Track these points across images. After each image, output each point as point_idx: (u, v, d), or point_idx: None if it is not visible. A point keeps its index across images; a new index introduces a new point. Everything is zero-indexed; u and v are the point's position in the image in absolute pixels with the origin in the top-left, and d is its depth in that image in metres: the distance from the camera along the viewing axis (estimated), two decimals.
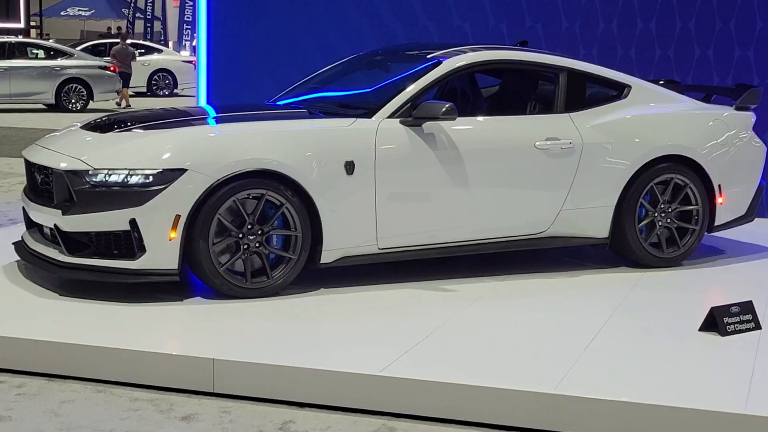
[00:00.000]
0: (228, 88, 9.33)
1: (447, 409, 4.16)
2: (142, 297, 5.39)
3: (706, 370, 4.51)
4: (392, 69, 6.70)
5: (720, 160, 6.58)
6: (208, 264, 5.33)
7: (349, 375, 4.28)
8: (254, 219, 5.42)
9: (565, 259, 6.71)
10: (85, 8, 40.08)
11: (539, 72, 6.67)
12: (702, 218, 6.51)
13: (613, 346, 4.80)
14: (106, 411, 4.18)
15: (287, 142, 5.52)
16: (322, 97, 6.60)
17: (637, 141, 6.33)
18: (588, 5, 8.70)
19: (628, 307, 5.54)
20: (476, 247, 6.08)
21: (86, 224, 5.29)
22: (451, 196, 5.90)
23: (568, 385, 4.18)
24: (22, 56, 20.34)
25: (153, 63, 26.30)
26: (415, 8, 9.05)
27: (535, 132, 6.14)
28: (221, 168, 5.29)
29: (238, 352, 4.51)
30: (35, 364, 4.59)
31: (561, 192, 6.19)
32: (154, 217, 5.22)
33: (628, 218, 6.30)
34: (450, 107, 5.69)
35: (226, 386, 4.37)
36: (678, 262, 6.50)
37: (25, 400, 4.28)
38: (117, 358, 4.51)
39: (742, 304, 5.08)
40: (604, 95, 6.57)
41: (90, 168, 5.30)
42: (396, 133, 5.76)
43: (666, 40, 8.52)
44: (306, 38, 9.21)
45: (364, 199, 5.65)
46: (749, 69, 8.35)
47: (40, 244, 5.65)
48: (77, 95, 20.29)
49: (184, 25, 36.10)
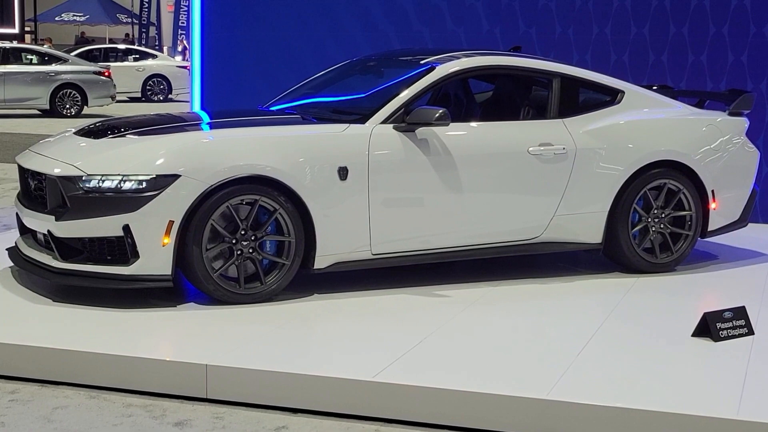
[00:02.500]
0: (222, 94, 9.33)
1: (440, 415, 4.16)
2: (136, 303, 5.38)
3: (699, 375, 4.52)
4: (385, 74, 6.70)
5: (713, 165, 6.59)
6: (201, 270, 5.33)
7: (342, 381, 4.28)
8: (247, 225, 5.42)
9: (558, 264, 6.71)
10: (80, 13, 40.06)
11: (533, 77, 6.68)
12: (695, 223, 6.52)
13: (607, 352, 4.80)
14: (99, 417, 4.18)
15: (281, 148, 5.52)
16: (316, 102, 6.60)
17: (631, 146, 6.34)
18: (582, 10, 8.72)
19: (621, 312, 5.55)
20: (470, 252, 6.09)
21: (80, 230, 5.28)
22: (444, 201, 5.90)
23: (561, 390, 4.19)
24: (16, 62, 20.31)
25: (147, 68, 26.28)
26: (408, 13, 9.06)
27: (528, 137, 6.15)
28: (214, 174, 5.29)
29: (231, 357, 4.51)
30: (28, 370, 4.58)
31: (554, 197, 6.20)
32: (147, 223, 5.22)
33: (622, 223, 6.31)
34: (443, 113, 5.70)
35: (219, 392, 4.37)
36: (671, 267, 6.51)
37: (18, 406, 4.28)
38: (110, 364, 4.50)
39: (735, 310, 5.09)
40: (597, 100, 6.58)
41: (83, 174, 5.30)
42: (389, 138, 5.76)
43: (659, 46, 8.54)
44: (300, 44, 9.22)
45: (357, 204, 5.66)
46: (742, 74, 8.37)
47: (34, 250, 5.64)
48: (72, 101, 20.27)
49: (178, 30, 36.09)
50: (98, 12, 40.27)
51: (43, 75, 20.13)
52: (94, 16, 40.21)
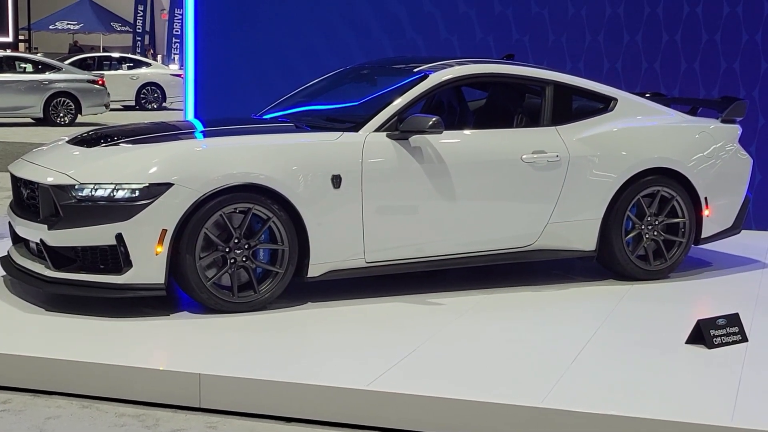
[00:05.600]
0: (215, 102, 9.33)
1: (435, 423, 4.15)
2: (129, 312, 5.37)
3: (693, 382, 4.52)
4: (379, 82, 6.70)
5: (706, 172, 6.60)
6: (194, 278, 5.32)
7: (337, 389, 4.27)
8: (241, 233, 5.41)
9: (552, 271, 6.71)
10: (73, 22, 40.04)
11: (526, 85, 6.69)
12: (689, 231, 6.53)
13: (600, 359, 4.80)
14: (91, 427, 4.16)
15: (274, 156, 5.52)
16: (309, 110, 6.59)
17: (624, 154, 6.35)
18: (575, 18, 8.73)
19: (615, 319, 5.55)
20: (464, 260, 6.09)
21: (72, 239, 5.27)
22: (438, 209, 5.90)
23: (555, 398, 4.18)
24: (9, 70, 20.29)
25: (141, 76, 26.26)
26: (402, 21, 9.07)
27: (521, 145, 6.15)
28: (208, 182, 5.29)
29: (225, 366, 4.50)
30: (20, 380, 4.56)
31: (548, 205, 6.20)
32: (140, 232, 5.21)
33: (615, 231, 6.31)
34: (436, 121, 5.70)
35: (213, 401, 4.36)
36: (665, 274, 6.51)
37: (10, 416, 4.26)
38: (103, 374, 4.49)
39: (728, 317, 5.09)
40: (590, 108, 6.59)
41: (76, 182, 5.29)
42: (383, 146, 5.76)
43: (652, 53, 8.55)
44: (293, 52, 9.23)
45: (351, 212, 5.65)
46: (735, 82, 8.39)
47: (27, 259, 5.63)
48: (66, 109, 20.24)
49: (172, 38, 36.08)
50: (92, 20, 40.24)
51: (36, 83, 20.10)
52: (88, 24, 40.19)
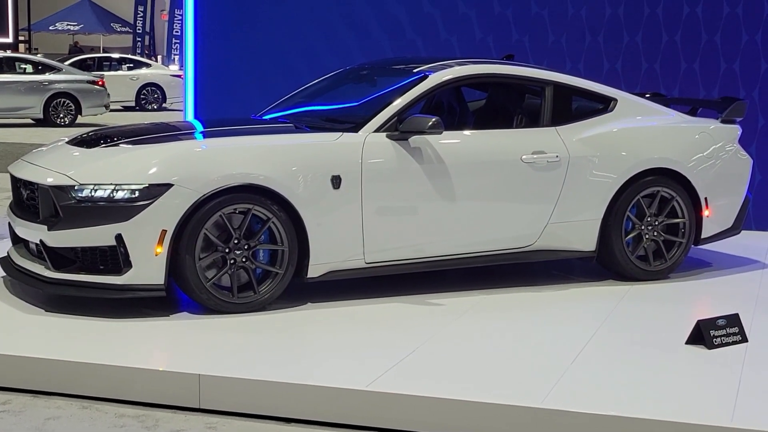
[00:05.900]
0: (215, 103, 9.33)
1: (434, 424, 4.15)
2: (128, 312, 5.37)
3: (693, 383, 4.51)
4: (379, 83, 6.70)
5: (706, 172, 6.60)
6: (194, 279, 5.32)
7: (336, 390, 4.27)
8: (241, 234, 5.41)
9: (552, 272, 6.71)
10: (74, 23, 40.05)
11: (525, 86, 6.69)
12: (689, 231, 6.53)
13: (601, 359, 4.80)
14: (91, 427, 4.16)
15: (274, 157, 5.52)
16: (309, 111, 6.59)
17: (624, 154, 6.34)
18: (574, 19, 8.73)
19: (615, 320, 5.54)
20: (463, 260, 6.08)
21: (72, 239, 5.27)
22: (437, 209, 5.90)
23: (555, 398, 4.18)
24: (10, 71, 20.29)
25: (141, 77, 26.27)
26: (402, 22, 9.07)
27: (521, 145, 6.15)
28: (207, 183, 5.28)
29: (224, 367, 4.49)
30: (20, 381, 4.56)
31: (548, 205, 6.20)
32: (140, 233, 5.21)
33: (615, 231, 6.31)
34: (436, 121, 5.70)
35: (212, 402, 4.35)
36: (665, 274, 6.51)
37: (9, 417, 4.26)
38: (103, 374, 4.49)
39: (728, 317, 5.09)
40: (590, 109, 6.58)
41: (76, 183, 5.29)
42: (382, 147, 5.76)
43: (652, 54, 8.55)
44: (293, 52, 9.23)
45: (350, 213, 5.65)
46: (735, 82, 8.39)
47: (26, 260, 5.63)
48: (65, 110, 20.24)
49: (172, 39, 36.08)
50: (92, 21, 40.26)
51: (36, 84, 20.10)
52: (88, 25, 40.20)
